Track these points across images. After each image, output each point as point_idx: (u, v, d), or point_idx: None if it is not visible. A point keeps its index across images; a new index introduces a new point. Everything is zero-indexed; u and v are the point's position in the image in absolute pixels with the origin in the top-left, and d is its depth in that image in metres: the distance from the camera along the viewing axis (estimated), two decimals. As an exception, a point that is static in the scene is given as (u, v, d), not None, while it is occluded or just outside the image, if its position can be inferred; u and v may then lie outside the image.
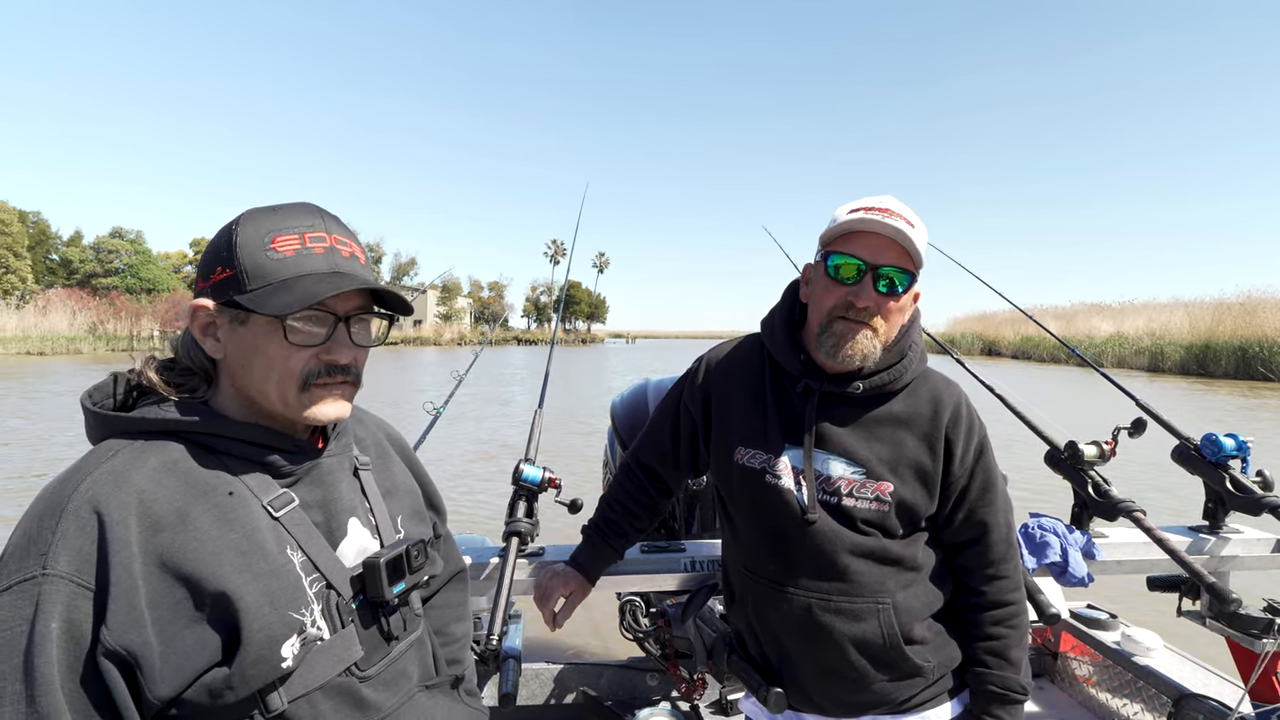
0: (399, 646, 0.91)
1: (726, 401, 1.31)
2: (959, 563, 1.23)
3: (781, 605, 1.19)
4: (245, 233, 0.80)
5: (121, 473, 0.72)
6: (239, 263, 0.79)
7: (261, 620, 0.74)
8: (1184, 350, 26.90)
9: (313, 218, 0.84)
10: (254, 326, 0.80)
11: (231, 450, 0.81)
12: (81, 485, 0.70)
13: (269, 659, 0.74)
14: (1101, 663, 1.74)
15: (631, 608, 1.95)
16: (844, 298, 1.13)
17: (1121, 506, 1.72)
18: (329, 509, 0.87)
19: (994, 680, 1.18)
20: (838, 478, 1.17)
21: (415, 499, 1.05)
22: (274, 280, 0.79)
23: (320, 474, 0.88)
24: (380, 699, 0.86)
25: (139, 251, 59.99)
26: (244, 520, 0.77)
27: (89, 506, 0.69)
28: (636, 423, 2.06)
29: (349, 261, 0.84)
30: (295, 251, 0.80)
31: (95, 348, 42.00)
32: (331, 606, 0.82)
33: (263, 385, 0.81)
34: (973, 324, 46.98)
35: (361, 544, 0.90)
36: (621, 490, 1.49)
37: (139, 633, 0.67)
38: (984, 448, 1.21)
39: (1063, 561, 1.70)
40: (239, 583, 0.73)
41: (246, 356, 0.81)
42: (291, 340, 0.80)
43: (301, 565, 0.81)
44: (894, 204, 1.14)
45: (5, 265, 48.10)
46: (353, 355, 0.85)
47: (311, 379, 0.82)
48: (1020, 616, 1.21)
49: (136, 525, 0.70)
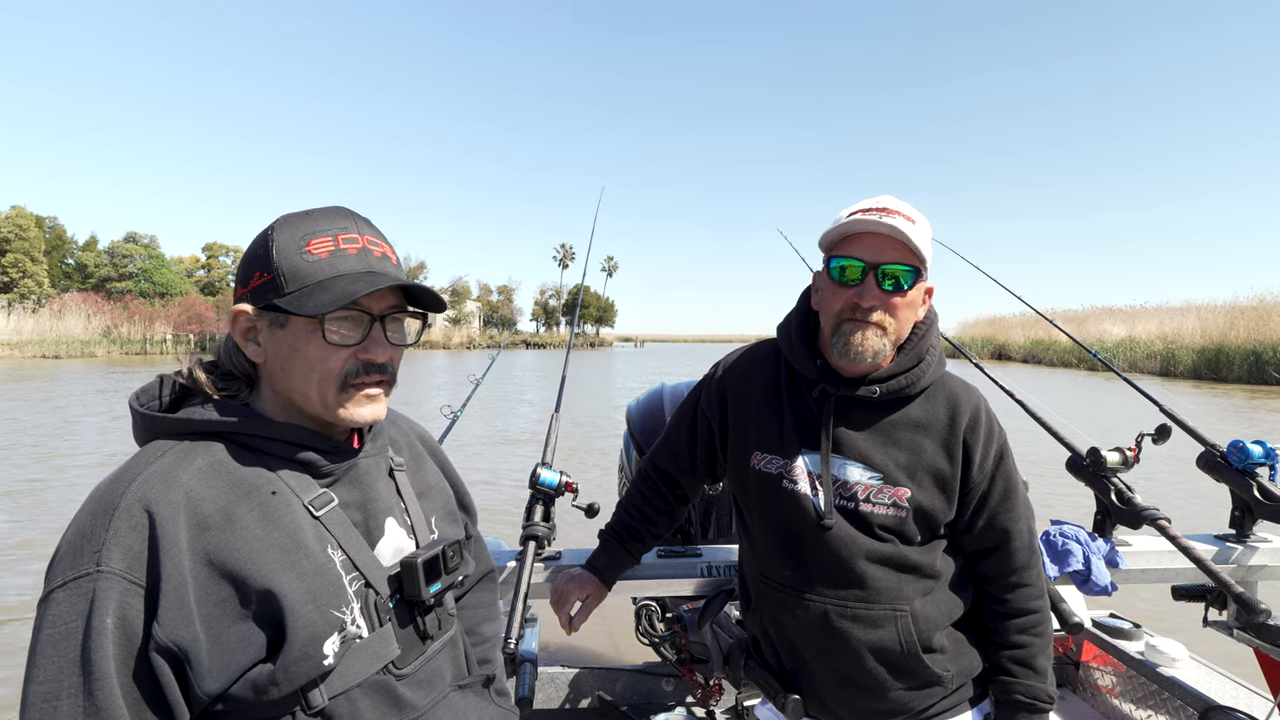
0: (434, 646, 0.93)
1: (743, 406, 1.31)
2: (980, 570, 1.21)
3: (798, 612, 1.18)
4: (281, 237, 0.82)
5: (169, 473, 0.74)
6: (276, 267, 0.80)
7: (305, 618, 0.75)
8: (1196, 354, 26.57)
9: (345, 220, 0.85)
10: (293, 329, 0.82)
11: (273, 450, 0.83)
12: (132, 485, 0.72)
13: (312, 656, 0.76)
14: (1125, 673, 1.71)
15: (648, 612, 1.94)
16: (849, 299, 1.13)
17: (1146, 514, 1.70)
18: (367, 509, 0.89)
19: (1020, 689, 1.17)
20: (855, 483, 1.16)
21: (448, 500, 1.06)
22: (310, 282, 0.80)
23: (358, 474, 0.89)
24: (416, 697, 0.87)
25: (153, 256, 60.73)
26: (287, 519, 0.79)
27: (140, 505, 0.71)
28: (652, 427, 2.06)
29: (381, 261, 0.85)
30: (330, 253, 0.82)
31: (109, 351, 42.51)
32: (370, 605, 0.84)
33: (303, 387, 0.83)
34: (982, 328, 46.69)
35: (398, 544, 0.91)
36: (639, 496, 1.48)
37: (189, 629, 0.69)
38: (1004, 453, 1.20)
39: (1085, 570, 1.68)
40: (283, 580, 0.75)
41: (287, 359, 0.82)
42: (330, 340, 0.81)
43: (341, 564, 0.82)
44: (892, 202, 1.14)
45: (22, 270, 48.80)
46: (389, 354, 0.86)
47: (350, 379, 0.83)
48: (1044, 624, 1.20)
49: (185, 524, 0.72)
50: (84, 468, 8.38)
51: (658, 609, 1.96)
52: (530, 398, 17.99)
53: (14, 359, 35.36)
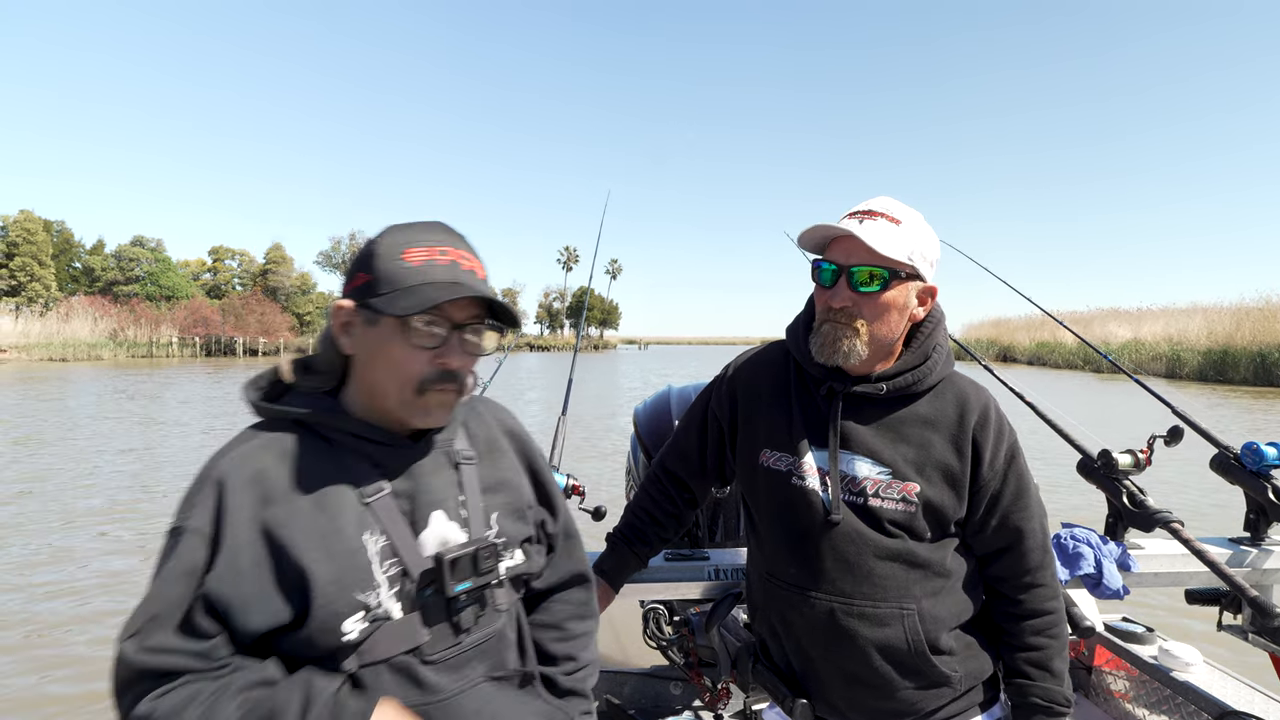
0: (469, 639, 0.96)
1: (752, 405, 1.31)
2: (993, 572, 1.21)
3: (804, 610, 1.18)
4: (383, 244, 0.91)
5: (251, 454, 0.88)
6: (375, 270, 0.89)
7: (326, 598, 0.84)
8: (1202, 356, 26.44)
9: (441, 234, 0.94)
10: (382, 328, 0.89)
11: (342, 441, 0.92)
12: (221, 461, 0.88)
13: (332, 630, 0.85)
14: (1138, 678, 1.70)
15: (655, 615, 1.94)
16: (826, 301, 1.17)
17: (1158, 517, 1.68)
18: (415, 500, 0.95)
19: (1038, 692, 1.16)
20: (863, 478, 1.16)
21: (518, 497, 1.07)
22: (401, 286, 0.88)
23: (413, 466, 0.96)
24: (441, 682, 0.92)
25: (159, 259, 61.08)
26: (334, 505, 0.89)
27: (221, 478, 0.85)
28: (659, 429, 2.06)
29: (469, 274, 0.92)
30: (423, 262, 0.89)
31: (115, 354, 42.78)
32: (404, 590, 0.91)
33: (385, 383, 0.91)
34: (987, 330, 46.57)
35: (444, 535, 0.96)
36: (648, 498, 1.48)
37: (235, 587, 0.82)
38: (1015, 452, 1.20)
39: (1097, 573, 1.66)
40: (314, 559, 0.85)
41: (373, 354, 0.91)
42: (412, 341, 0.89)
43: (380, 550, 0.90)
44: (881, 204, 1.16)
45: (30, 273, 49.16)
46: (463, 362, 0.93)
47: (427, 385, 0.90)
48: (1060, 626, 1.19)
49: (251, 497, 0.85)
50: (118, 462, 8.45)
51: (665, 612, 1.95)
52: (536, 400, 18.04)
53: (21, 362, 35.60)
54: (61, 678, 3.59)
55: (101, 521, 6.38)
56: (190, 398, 18.04)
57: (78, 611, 4.40)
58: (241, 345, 51.48)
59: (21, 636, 4.04)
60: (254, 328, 52.45)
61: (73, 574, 5.04)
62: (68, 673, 3.63)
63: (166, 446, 10.43)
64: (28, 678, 3.58)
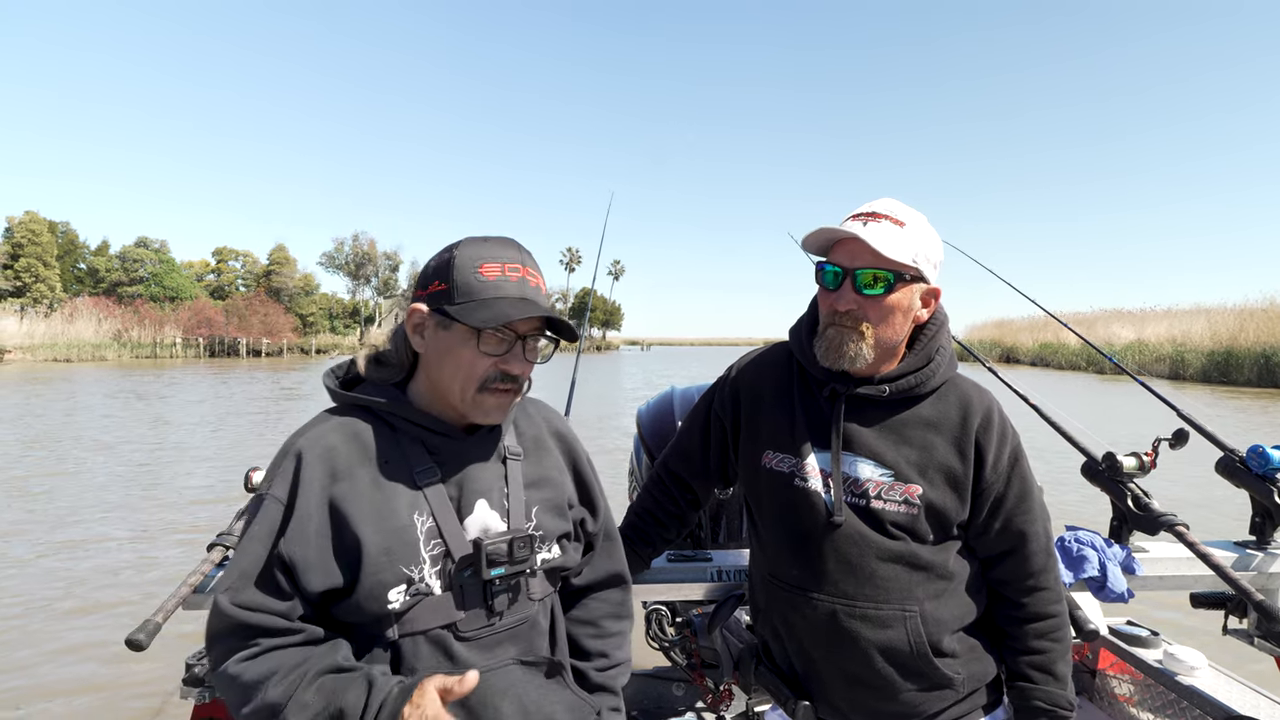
0: (502, 622, 1.02)
1: (755, 407, 1.32)
2: (996, 575, 1.21)
3: (806, 612, 1.18)
4: (461, 257, 1.00)
5: (325, 434, 0.99)
6: (453, 279, 0.99)
7: (375, 566, 0.94)
8: (1205, 357, 26.36)
9: (513, 251, 1.03)
10: (454, 333, 0.99)
11: (406, 430, 1.02)
12: (300, 439, 0.99)
13: (378, 598, 0.94)
14: (1143, 682, 1.69)
15: (658, 617, 1.93)
16: (831, 304, 1.16)
17: (1163, 520, 1.67)
18: (463, 488, 1.03)
19: (1041, 696, 1.16)
20: (866, 480, 1.17)
21: (559, 493, 1.13)
22: (477, 298, 0.97)
23: (464, 457, 1.05)
24: (472, 658, 0.98)
25: (163, 260, 61.36)
26: (391, 485, 0.98)
27: (300, 453, 0.97)
28: (663, 431, 2.06)
29: (534, 290, 1.02)
30: (497, 277, 0.99)
31: (120, 354, 42.94)
32: (445, 570, 0.99)
33: (450, 381, 1.01)
34: (990, 331, 46.52)
35: (485, 523, 1.03)
36: (650, 499, 1.49)
37: (302, 550, 0.92)
38: (1018, 455, 1.20)
39: (1101, 576, 1.65)
40: (368, 532, 0.94)
41: (442, 355, 1.01)
42: (482, 349, 0.98)
43: (427, 531, 0.98)
44: (885, 206, 1.16)
45: (35, 274, 49.36)
46: (523, 369, 1.02)
47: (488, 383, 1.00)
48: (1063, 630, 1.19)
49: (321, 471, 0.95)
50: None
51: (668, 613, 1.95)
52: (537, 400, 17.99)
53: (26, 363, 35.74)
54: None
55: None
56: (203, 395, 18.06)
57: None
58: (245, 346, 51.64)
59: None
60: (257, 328, 52.59)
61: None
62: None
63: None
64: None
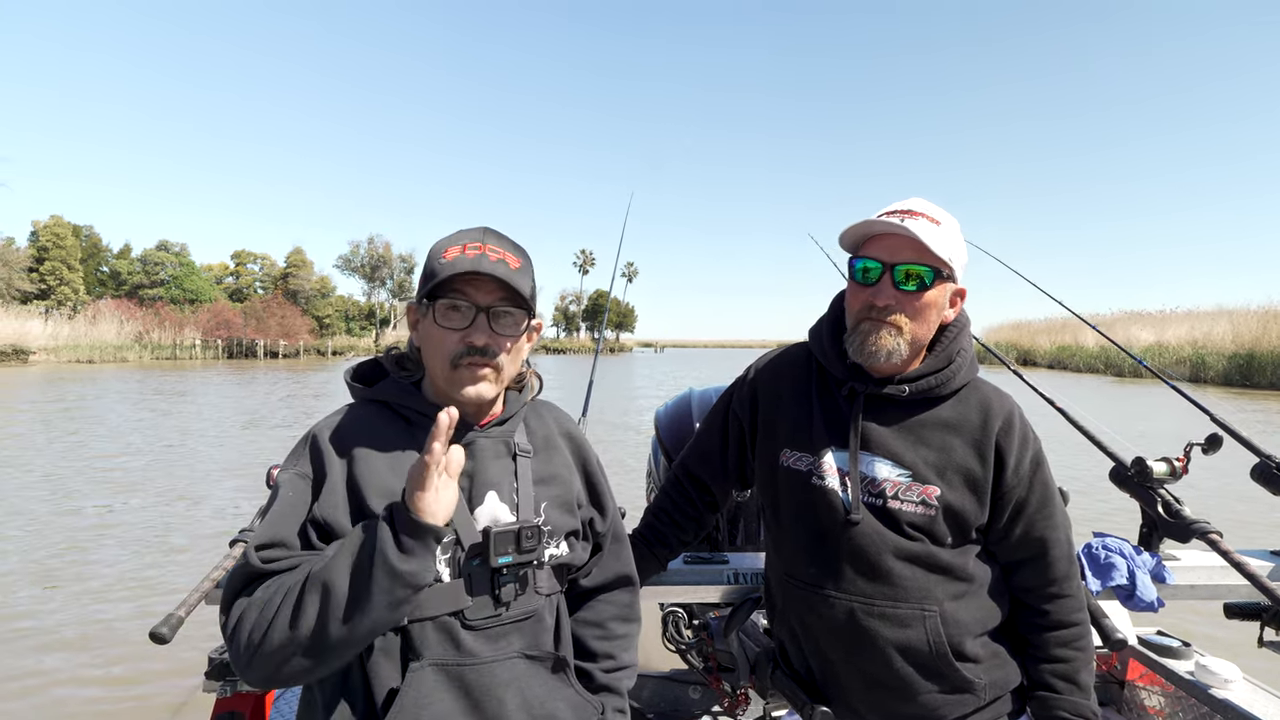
0: (509, 613, 1.03)
1: (774, 406, 1.31)
2: (1018, 582, 1.19)
3: (823, 611, 1.17)
4: (432, 249, 1.06)
5: (342, 423, 1.06)
6: (426, 270, 1.04)
7: None
8: (1227, 360, 25.85)
9: (476, 233, 1.06)
10: (426, 316, 1.04)
11: (419, 422, 1.06)
12: (322, 425, 1.07)
13: None
14: (1174, 694, 1.64)
15: (674, 619, 1.92)
16: (867, 299, 1.14)
17: (1195, 528, 1.62)
18: (474, 479, 1.06)
19: (1064, 705, 1.14)
20: (883, 479, 1.16)
21: (567, 492, 1.15)
22: (435, 278, 1.01)
23: (474, 448, 1.07)
24: (477, 648, 1.00)
25: (183, 263, 62.50)
26: (402, 470, 0.99)
27: (317, 436, 1.04)
28: (680, 432, 2.05)
29: (495, 264, 1.01)
30: (455, 257, 1.01)
31: (141, 356, 43.68)
32: (455, 557, 1.01)
33: (430, 364, 1.06)
34: (1007, 333, 45.97)
35: (495, 514, 1.06)
36: (668, 501, 1.48)
37: (334, 513, 0.98)
38: (1040, 460, 1.18)
39: (1130, 585, 1.61)
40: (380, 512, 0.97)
41: (424, 341, 1.06)
42: (440, 322, 1.02)
43: None
44: (919, 205, 1.15)
45: (59, 277, 50.48)
46: (488, 339, 1.02)
47: (458, 359, 1.02)
48: (1086, 638, 1.17)
49: (338, 452, 1.02)
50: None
51: (684, 616, 1.93)
52: (554, 402, 18.06)
53: (50, 364, 36.48)
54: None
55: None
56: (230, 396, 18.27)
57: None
58: (262, 348, 52.33)
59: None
60: (275, 330, 53.32)
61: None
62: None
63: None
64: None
